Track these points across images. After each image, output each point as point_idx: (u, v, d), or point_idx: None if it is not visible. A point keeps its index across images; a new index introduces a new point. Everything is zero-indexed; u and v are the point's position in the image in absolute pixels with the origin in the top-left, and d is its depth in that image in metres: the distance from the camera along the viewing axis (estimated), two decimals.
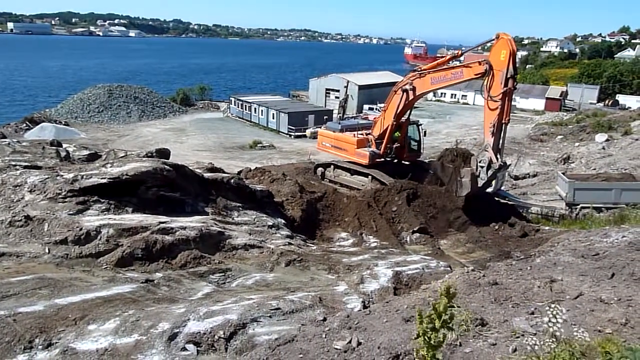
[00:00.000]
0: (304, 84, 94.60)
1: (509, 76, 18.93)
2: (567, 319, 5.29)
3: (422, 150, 27.10)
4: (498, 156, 19.94)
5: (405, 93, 22.82)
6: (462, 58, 28.90)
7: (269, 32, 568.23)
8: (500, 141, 19.97)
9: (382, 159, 25.13)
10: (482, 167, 20.13)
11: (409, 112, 24.85)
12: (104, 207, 12.49)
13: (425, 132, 27.01)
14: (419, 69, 23.11)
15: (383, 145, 24.58)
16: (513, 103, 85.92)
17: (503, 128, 19.76)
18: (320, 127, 30.08)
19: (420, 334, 3.41)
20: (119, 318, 7.80)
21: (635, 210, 21.62)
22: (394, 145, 25.01)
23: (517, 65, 19.87)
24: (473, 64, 20.35)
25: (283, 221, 16.52)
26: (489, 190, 22.05)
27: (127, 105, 64.09)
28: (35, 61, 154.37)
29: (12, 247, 10.59)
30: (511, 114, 20.72)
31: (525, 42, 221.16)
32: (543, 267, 7.99)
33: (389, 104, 24.13)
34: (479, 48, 25.97)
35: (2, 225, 11.32)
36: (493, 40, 19.74)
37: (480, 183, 20.36)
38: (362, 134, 25.79)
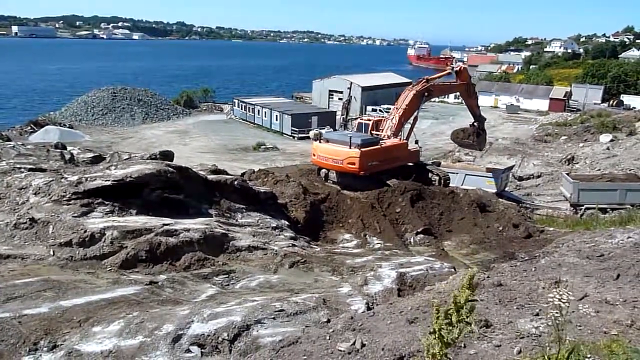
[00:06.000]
0: (307, 85, 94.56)
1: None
2: (572, 320, 5.27)
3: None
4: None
5: (425, 96, 27.74)
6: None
7: (272, 34, 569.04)
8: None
9: None
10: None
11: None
12: (108, 210, 12.52)
13: None
14: (430, 80, 28.57)
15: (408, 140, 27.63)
16: (517, 103, 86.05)
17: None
18: (323, 141, 24.94)
19: (436, 330, 3.38)
20: (123, 320, 7.82)
21: None
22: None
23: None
24: (461, 81, 30.60)
25: (287, 223, 16.52)
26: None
27: (130, 108, 64.14)
28: (39, 64, 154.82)
29: (17, 250, 10.63)
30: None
31: (529, 42, 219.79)
32: (548, 268, 7.97)
33: (408, 104, 26.53)
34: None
35: (7, 228, 11.37)
36: (457, 69, 31.45)
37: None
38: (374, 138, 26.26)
